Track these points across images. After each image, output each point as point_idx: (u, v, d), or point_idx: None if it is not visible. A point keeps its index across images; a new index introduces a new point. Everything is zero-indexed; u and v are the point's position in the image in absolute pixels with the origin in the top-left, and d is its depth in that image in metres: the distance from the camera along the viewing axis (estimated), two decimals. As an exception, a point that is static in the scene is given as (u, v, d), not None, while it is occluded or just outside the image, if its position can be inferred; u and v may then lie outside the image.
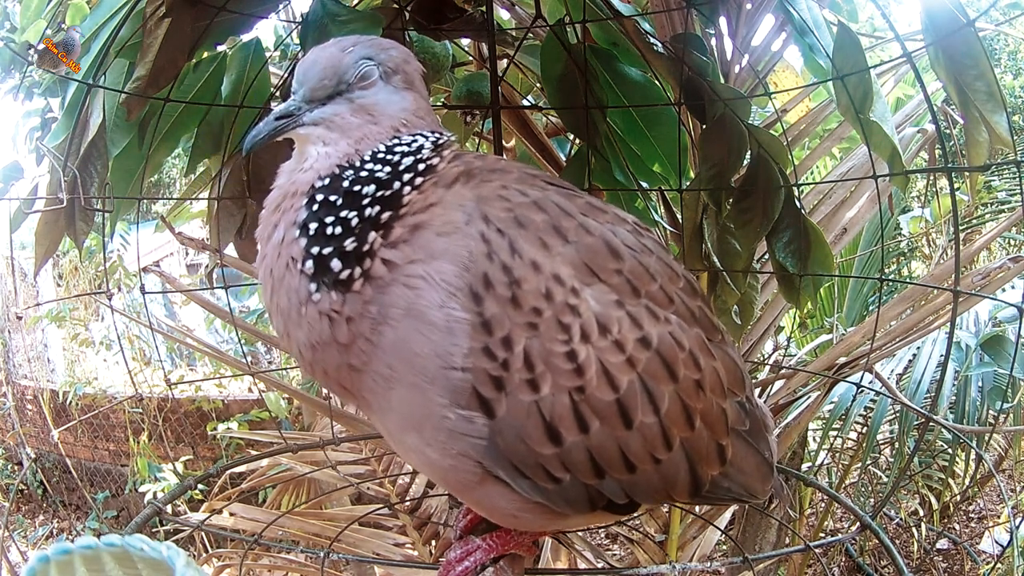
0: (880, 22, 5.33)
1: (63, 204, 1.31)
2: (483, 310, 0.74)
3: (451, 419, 0.76)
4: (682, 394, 0.82)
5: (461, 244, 0.76)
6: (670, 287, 0.86)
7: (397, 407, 0.79)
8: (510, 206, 0.79)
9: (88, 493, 5.99)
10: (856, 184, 2.20)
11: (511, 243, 0.76)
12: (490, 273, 0.74)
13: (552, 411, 0.76)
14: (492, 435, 0.76)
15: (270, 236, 0.81)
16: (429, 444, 0.79)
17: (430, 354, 0.74)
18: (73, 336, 6.31)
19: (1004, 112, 1.05)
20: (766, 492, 0.95)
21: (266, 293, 0.83)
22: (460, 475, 0.81)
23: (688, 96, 1.40)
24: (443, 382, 0.75)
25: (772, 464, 0.96)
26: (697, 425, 0.84)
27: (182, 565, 0.66)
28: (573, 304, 0.77)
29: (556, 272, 0.77)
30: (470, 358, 0.74)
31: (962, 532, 4.44)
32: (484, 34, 1.55)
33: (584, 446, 0.78)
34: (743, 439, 0.91)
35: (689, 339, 0.84)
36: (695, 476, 0.85)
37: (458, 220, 0.77)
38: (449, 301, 0.74)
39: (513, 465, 0.78)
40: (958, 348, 2.87)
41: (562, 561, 2.15)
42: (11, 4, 3.76)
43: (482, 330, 0.74)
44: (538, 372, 0.75)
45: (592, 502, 0.82)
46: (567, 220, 0.81)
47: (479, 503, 0.89)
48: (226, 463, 1.93)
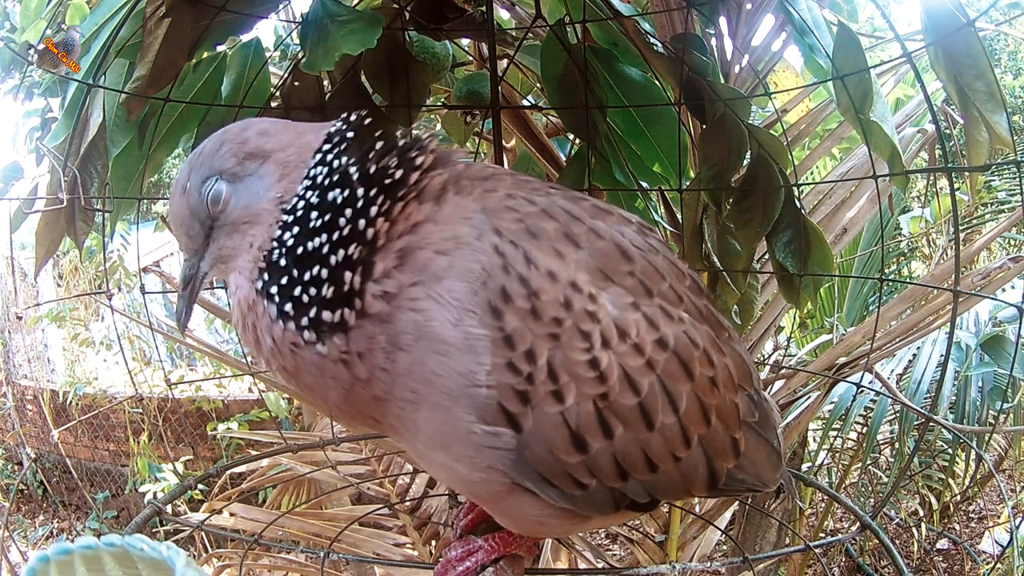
0: (880, 22, 5.34)
1: (63, 204, 1.31)
2: (504, 324, 0.73)
3: (478, 435, 0.75)
4: (698, 392, 0.82)
5: (472, 259, 0.74)
6: (678, 286, 0.86)
7: (424, 427, 0.78)
8: (520, 216, 0.78)
9: (88, 493, 5.99)
10: (856, 184, 2.20)
11: (526, 254, 0.75)
12: (508, 286, 0.73)
13: (578, 420, 0.76)
14: (520, 448, 0.76)
15: (260, 346, 0.80)
16: (457, 460, 0.78)
17: (451, 373, 0.73)
18: (73, 336, 6.30)
19: (1004, 112, 1.05)
20: (776, 481, 0.96)
21: (293, 386, 0.83)
22: (488, 487, 0.80)
23: (688, 96, 1.40)
24: (468, 400, 0.74)
25: (780, 453, 0.97)
26: (713, 421, 0.84)
27: (182, 565, 0.66)
28: (592, 311, 0.76)
29: (572, 280, 0.76)
30: (494, 375, 0.73)
31: (962, 532, 4.44)
32: (484, 34, 1.55)
33: (609, 451, 0.78)
34: (754, 431, 0.92)
35: (702, 337, 0.84)
36: (712, 471, 0.86)
37: (465, 235, 0.76)
38: (465, 319, 0.73)
39: (540, 475, 0.78)
40: (958, 348, 2.87)
41: (562, 561, 2.15)
42: (11, 4, 3.76)
43: (504, 345, 0.73)
44: (562, 383, 0.75)
45: (616, 503, 0.82)
46: (577, 226, 0.80)
47: (506, 513, 0.89)
48: (226, 463, 1.93)
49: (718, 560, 2.69)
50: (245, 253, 0.81)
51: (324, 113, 1.48)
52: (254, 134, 0.82)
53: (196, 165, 0.82)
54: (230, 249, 0.82)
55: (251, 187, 0.81)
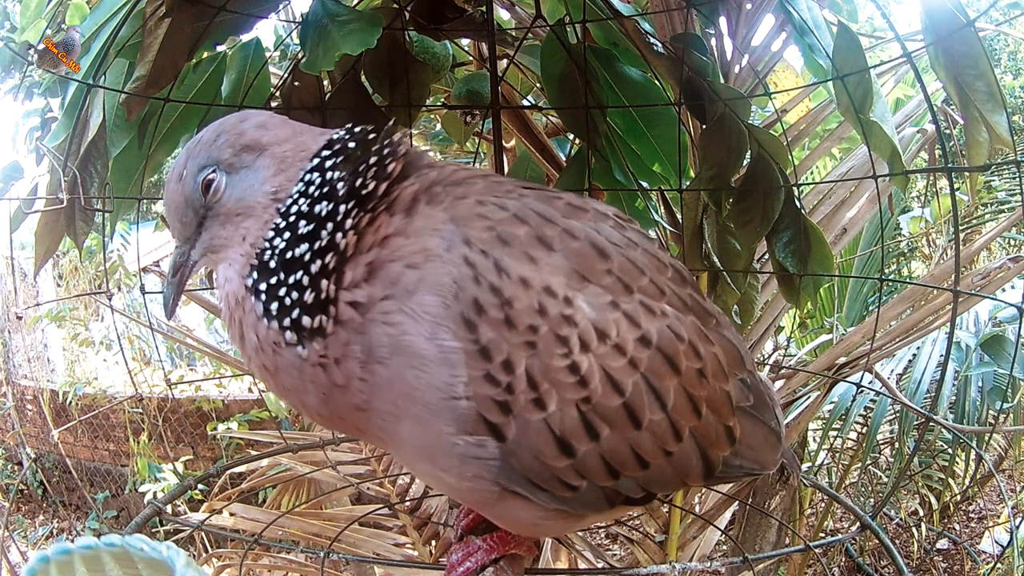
0: (880, 22, 5.34)
1: (63, 204, 1.31)
2: (479, 337, 0.72)
3: (461, 446, 0.75)
4: (686, 386, 0.82)
5: (442, 272, 0.74)
6: (659, 278, 0.85)
7: (408, 439, 0.79)
8: (491, 224, 0.77)
9: (88, 493, 5.99)
10: (856, 184, 2.20)
11: (496, 263, 0.74)
12: (480, 297, 0.73)
13: (562, 426, 0.75)
14: (505, 456, 0.75)
15: (245, 342, 0.81)
16: (444, 470, 0.78)
17: (428, 387, 0.73)
18: (73, 336, 6.30)
19: (1004, 112, 1.05)
20: (776, 462, 0.95)
21: (272, 387, 0.83)
22: (478, 495, 0.80)
23: (688, 96, 1.40)
24: (447, 413, 0.74)
25: (780, 433, 0.96)
26: (704, 413, 0.83)
27: (182, 565, 0.66)
28: (568, 315, 0.75)
29: (546, 284, 0.75)
30: (471, 387, 0.73)
31: (962, 532, 4.44)
32: (484, 34, 1.55)
33: (597, 453, 0.77)
34: (748, 415, 0.91)
35: (687, 329, 0.83)
36: (707, 460, 0.85)
37: (435, 247, 0.75)
38: (439, 332, 0.72)
39: (529, 480, 0.78)
40: (958, 348, 2.87)
41: (562, 561, 2.16)
42: (11, 4, 3.76)
43: (480, 357, 0.73)
44: (543, 390, 0.74)
45: (610, 501, 0.82)
46: (550, 228, 0.79)
47: (500, 517, 0.89)
48: (226, 463, 1.93)
49: (718, 560, 2.69)
50: (237, 245, 0.81)
51: (324, 113, 1.48)
52: (251, 127, 0.83)
53: (193, 153, 0.83)
54: (222, 239, 0.82)
55: (246, 179, 0.82)
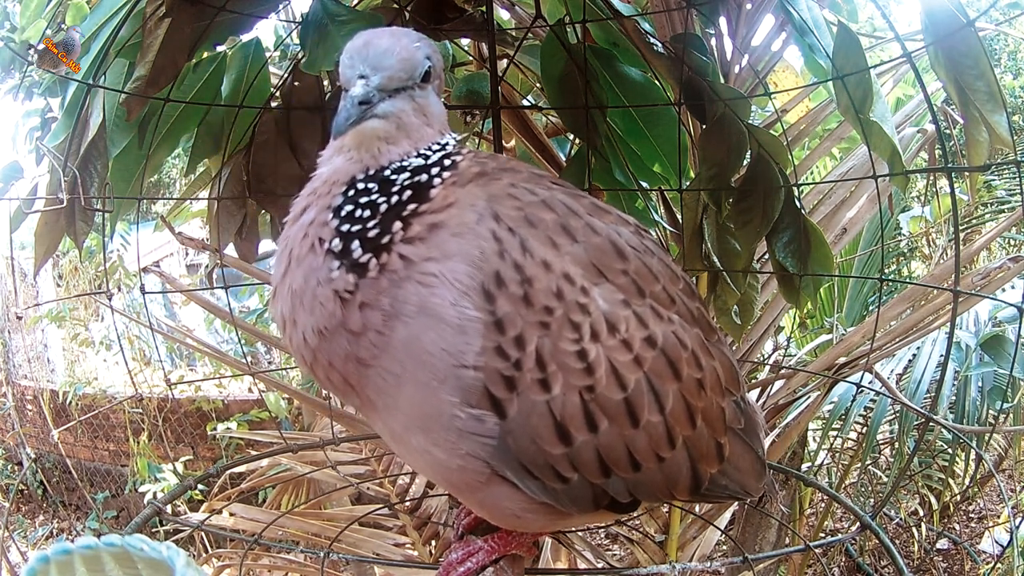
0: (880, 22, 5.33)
1: (63, 204, 1.31)
2: (495, 308, 0.74)
3: (461, 418, 0.75)
4: (685, 393, 0.83)
5: (473, 243, 0.76)
6: (672, 288, 0.87)
7: (404, 406, 0.79)
8: (520, 204, 0.80)
9: (88, 493, 5.99)
10: (856, 184, 2.20)
11: (522, 242, 0.76)
12: (502, 271, 0.75)
13: (563, 411, 0.76)
14: (503, 435, 0.76)
15: (298, 217, 0.81)
16: (437, 444, 0.78)
17: (442, 352, 0.74)
18: (73, 336, 6.31)
19: (1004, 112, 1.05)
20: (760, 490, 0.96)
21: (278, 274, 0.82)
22: (466, 476, 0.80)
23: (688, 96, 1.40)
24: (454, 381, 0.75)
25: (765, 462, 0.97)
26: (698, 424, 0.84)
27: (182, 565, 0.66)
28: (583, 303, 0.77)
29: (566, 271, 0.77)
30: (482, 357, 0.74)
31: (962, 532, 4.44)
32: (484, 34, 1.55)
33: (593, 445, 0.78)
34: (739, 437, 0.92)
35: (691, 338, 0.85)
36: (696, 474, 0.86)
37: (470, 220, 0.77)
38: (462, 300, 0.74)
39: (522, 465, 0.78)
40: (958, 348, 2.87)
41: (562, 561, 2.15)
42: (11, 4, 3.76)
43: (495, 329, 0.74)
44: (550, 371, 0.75)
45: (596, 501, 0.83)
46: (575, 220, 0.81)
47: (482, 504, 0.88)
48: (226, 463, 1.93)
49: (718, 560, 2.69)
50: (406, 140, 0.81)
51: (324, 113, 1.48)
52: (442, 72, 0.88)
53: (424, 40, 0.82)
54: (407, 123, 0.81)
55: (435, 99, 0.85)
